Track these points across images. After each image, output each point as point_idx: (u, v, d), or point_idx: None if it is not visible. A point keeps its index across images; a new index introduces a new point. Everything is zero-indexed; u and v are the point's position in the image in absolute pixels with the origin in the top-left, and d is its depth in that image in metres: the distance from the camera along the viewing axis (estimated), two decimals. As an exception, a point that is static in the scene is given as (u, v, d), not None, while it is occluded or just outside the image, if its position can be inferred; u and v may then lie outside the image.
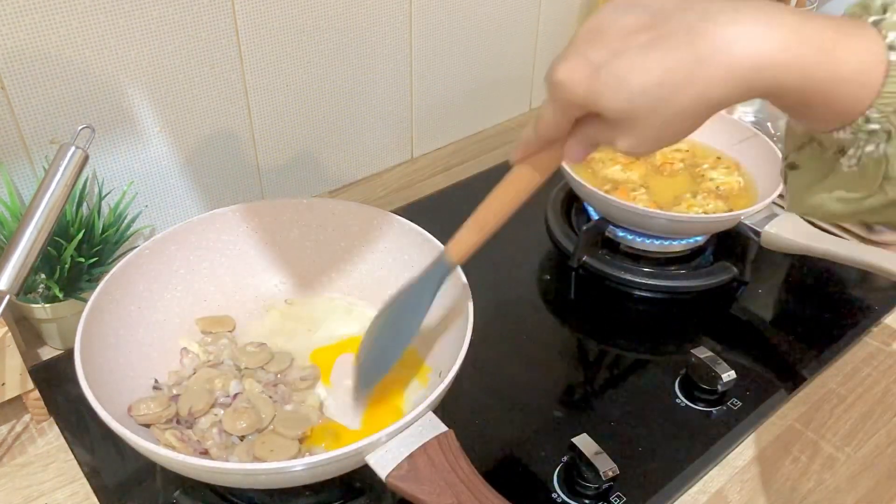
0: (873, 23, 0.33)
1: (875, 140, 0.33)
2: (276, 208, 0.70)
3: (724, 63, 0.32)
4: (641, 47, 0.34)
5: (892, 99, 0.32)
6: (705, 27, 0.32)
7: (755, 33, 0.32)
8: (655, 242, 0.79)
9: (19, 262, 0.56)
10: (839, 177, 0.34)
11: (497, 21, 0.98)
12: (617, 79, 0.34)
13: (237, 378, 0.61)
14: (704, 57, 0.32)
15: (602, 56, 0.35)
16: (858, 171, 0.34)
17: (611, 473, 0.55)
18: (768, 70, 0.32)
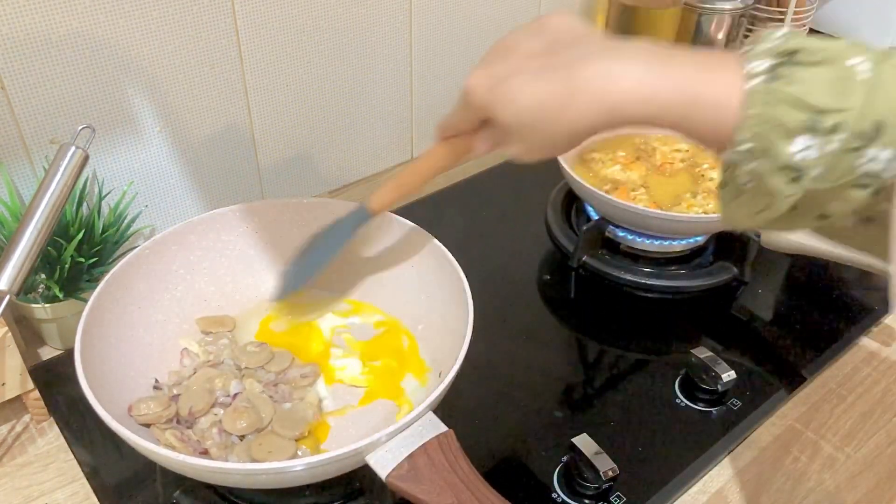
0: (742, 54, 0.36)
1: (750, 159, 0.36)
2: (276, 208, 0.70)
3: (590, 96, 0.38)
4: (532, 72, 0.40)
5: (752, 122, 0.35)
6: (582, 64, 0.38)
7: (617, 71, 0.37)
8: (655, 242, 0.79)
9: (19, 262, 0.56)
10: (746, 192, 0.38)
11: (497, 21, 0.98)
12: (508, 96, 0.41)
13: (237, 378, 0.61)
14: (576, 89, 0.38)
15: (502, 73, 0.41)
16: (753, 186, 0.37)
17: (611, 473, 0.55)
18: (629, 105, 0.37)
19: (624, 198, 0.79)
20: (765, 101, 0.34)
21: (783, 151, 0.34)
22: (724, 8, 1.06)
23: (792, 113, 0.34)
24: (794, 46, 0.35)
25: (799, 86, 0.34)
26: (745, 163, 0.36)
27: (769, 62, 0.35)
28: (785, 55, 0.35)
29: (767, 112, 0.34)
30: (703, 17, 1.06)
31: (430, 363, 0.63)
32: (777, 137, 0.34)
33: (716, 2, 1.05)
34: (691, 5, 1.05)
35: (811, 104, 0.33)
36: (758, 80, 0.35)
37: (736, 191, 0.38)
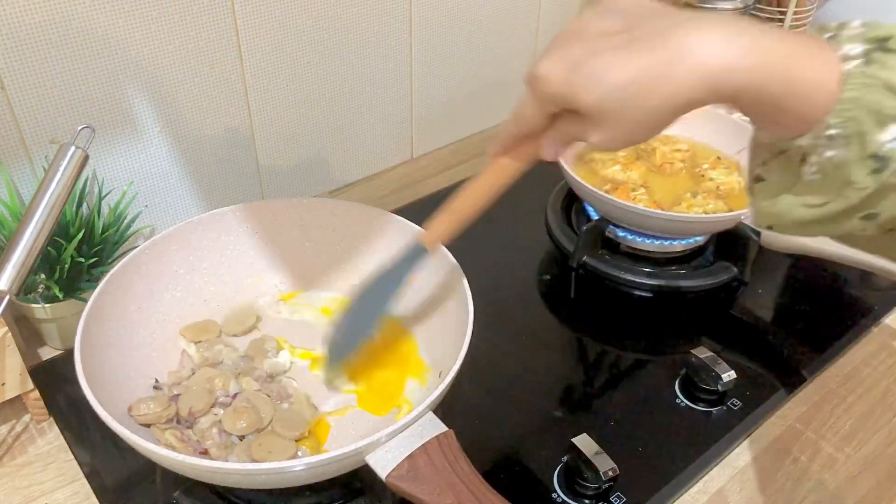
0: (828, 38, 0.35)
1: (834, 146, 0.34)
2: (276, 208, 0.70)
3: (691, 65, 0.35)
4: (617, 48, 0.36)
5: (847, 106, 0.34)
6: (675, 32, 0.35)
7: (720, 40, 0.35)
8: (655, 242, 0.79)
9: (19, 262, 0.56)
10: (803, 185, 0.36)
11: (497, 21, 0.98)
12: (593, 75, 0.37)
13: (237, 378, 0.61)
14: (674, 59, 0.35)
15: (580, 54, 0.37)
16: (820, 178, 0.36)
17: (611, 473, 0.55)
18: (732, 74, 0.35)
19: (624, 198, 0.78)
20: (862, 85, 0.33)
21: (875, 139, 0.33)
22: (724, 8, 1.06)
23: (890, 100, 0.33)
24: (885, 34, 0.34)
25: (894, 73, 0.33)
26: (824, 149, 0.35)
27: (863, 46, 0.34)
28: (876, 41, 0.34)
29: (865, 96, 0.33)
30: (703, 17, 1.06)
31: (430, 363, 0.63)
32: (871, 123, 0.33)
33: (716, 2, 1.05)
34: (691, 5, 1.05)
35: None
36: (854, 62, 0.34)
37: (788, 183, 0.36)
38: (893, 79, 0.33)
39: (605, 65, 0.36)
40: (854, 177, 0.34)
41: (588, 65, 0.37)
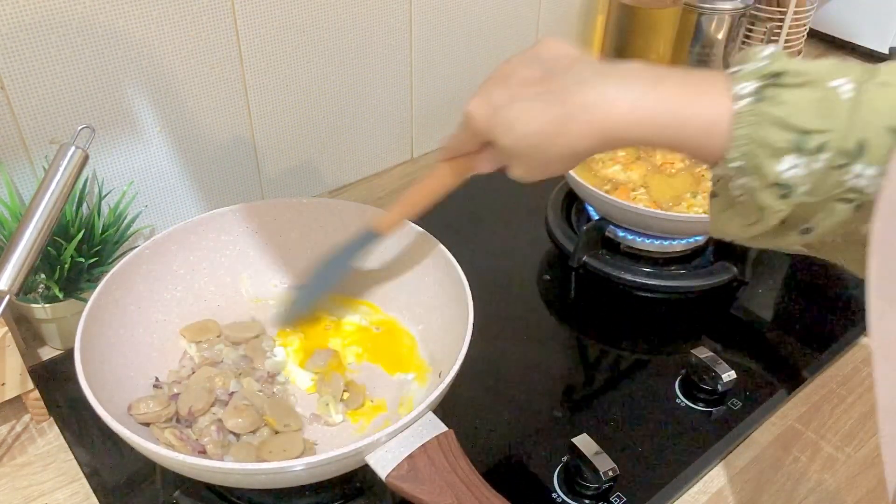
0: (731, 74, 0.38)
1: (741, 175, 0.37)
2: (276, 208, 0.70)
3: (586, 120, 0.40)
4: (529, 99, 0.42)
5: (741, 142, 0.36)
6: (577, 89, 0.40)
7: (611, 95, 0.39)
8: (655, 242, 0.79)
9: (19, 262, 0.56)
10: (737, 205, 0.39)
11: (497, 21, 0.98)
12: (507, 122, 0.43)
13: (237, 377, 0.61)
14: (572, 115, 0.40)
15: (501, 100, 0.43)
16: (745, 199, 0.38)
17: (611, 473, 0.55)
18: (622, 126, 0.39)
19: (624, 198, 0.78)
20: (752, 122, 0.36)
21: (771, 170, 0.36)
22: (724, 8, 1.06)
23: (778, 133, 0.35)
24: (779, 69, 0.36)
25: (784, 107, 0.35)
26: (736, 178, 0.37)
27: (755, 84, 0.36)
28: (770, 77, 0.36)
29: (755, 133, 0.36)
30: (702, 17, 1.06)
31: (430, 363, 0.63)
32: (765, 157, 0.36)
33: (716, 2, 1.05)
34: (691, 5, 1.05)
35: (796, 125, 0.35)
36: (745, 101, 0.36)
37: (727, 202, 0.40)
38: (782, 114, 0.35)
39: (518, 113, 0.42)
40: (765, 202, 0.37)
41: (504, 111, 0.43)
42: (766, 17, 1.13)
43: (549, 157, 0.42)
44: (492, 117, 0.44)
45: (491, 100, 0.44)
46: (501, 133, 0.43)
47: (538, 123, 0.41)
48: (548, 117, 0.41)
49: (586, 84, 0.40)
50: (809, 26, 1.18)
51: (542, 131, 0.41)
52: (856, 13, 1.23)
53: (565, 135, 0.40)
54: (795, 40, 1.18)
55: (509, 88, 0.43)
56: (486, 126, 0.44)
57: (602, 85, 0.40)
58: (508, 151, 0.44)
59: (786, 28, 1.14)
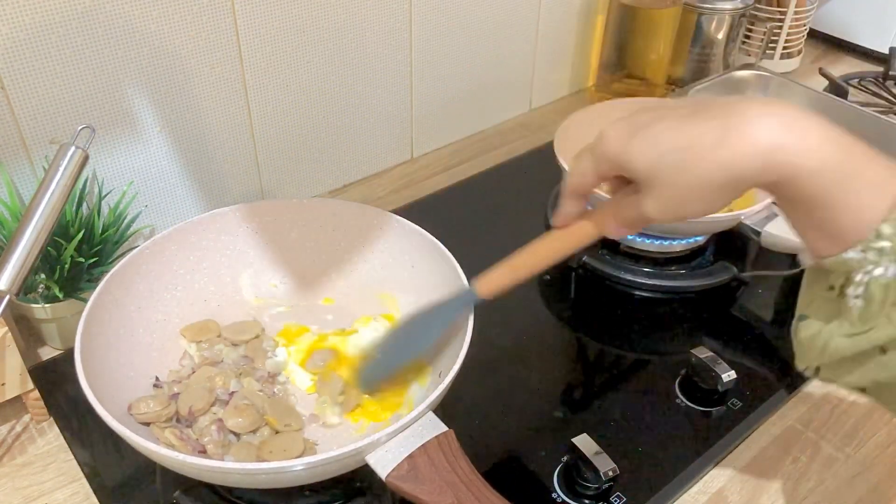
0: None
1: (884, 262, 0.32)
2: (276, 208, 0.70)
3: (751, 136, 0.34)
4: (680, 117, 0.36)
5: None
6: (739, 107, 0.35)
7: (782, 118, 0.34)
8: (655, 242, 0.79)
9: (19, 262, 0.56)
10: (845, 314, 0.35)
11: (497, 21, 0.98)
12: (650, 138, 0.37)
13: (237, 377, 0.61)
14: (733, 127, 0.34)
15: (645, 121, 0.38)
16: (864, 302, 0.34)
17: (611, 473, 0.55)
18: (788, 153, 0.33)
19: (624, 198, 0.78)
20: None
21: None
22: (724, 8, 1.06)
23: None
24: None
25: None
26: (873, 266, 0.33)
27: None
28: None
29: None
30: (702, 17, 1.06)
31: (430, 363, 0.63)
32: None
33: (716, 2, 1.05)
34: (691, 5, 1.05)
35: None
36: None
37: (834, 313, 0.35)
38: None
39: (664, 130, 0.36)
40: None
41: (648, 129, 0.37)
42: (766, 17, 1.13)
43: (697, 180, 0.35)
44: (632, 137, 0.37)
45: (634, 123, 0.38)
46: (641, 152, 0.37)
47: (689, 137, 0.35)
48: (702, 130, 0.35)
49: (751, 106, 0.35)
50: (809, 26, 1.18)
51: (693, 145, 0.35)
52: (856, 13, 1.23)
53: (720, 150, 0.34)
54: (795, 40, 1.18)
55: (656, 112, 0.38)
56: (624, 148, 0.38)
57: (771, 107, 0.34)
58: (646, 175, 0.37)
59: (786, 28, 1.14)
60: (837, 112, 0.98)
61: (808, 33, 1.19)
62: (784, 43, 1.16)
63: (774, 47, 1.17)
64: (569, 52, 1.11)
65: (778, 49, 1.17)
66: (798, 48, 1.19)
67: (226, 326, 0.66)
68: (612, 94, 1.09)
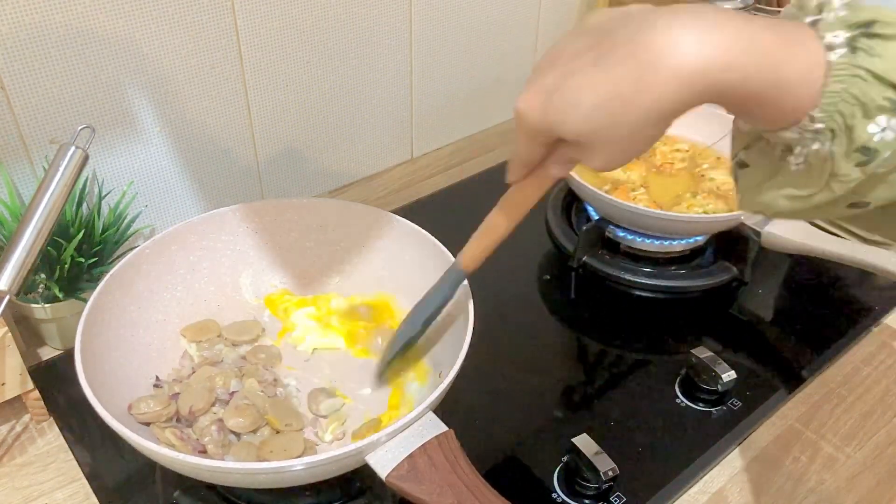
0: (810, 23, 0.33)
1: (820, 139, 0.33)
2: (276, 208, 0.70)
3: (668, 69, 0.32)
4: (587, 66, 0.34)
5: (834, 98, 0.32)
6: (645, 36, 0.33)
7: (695, 37, 0.32)
8: (655, 242, 0.79)
9: (19, 262, 0.56)
10: (787, 175, 0.35)
11: (497, 21, 0.98)
12: (568, 102, 0.35)
13: (237, 377, 0.61)
14: (647, 65, 0.33)
15: (553, 81, 0.36)
16: (805, 169, 0.34)
17: (611, 473, 0.55)
18: (712, 73, 0.32)
19: (624, 198, 0.79)
20: (848, 76, 0.31)
21: (863, 131, 0.32)
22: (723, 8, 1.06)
23: (877, 89, 0.31)
24: (869, 17, 0.32)
25: (882, 61, 0.31)
26: (810, 142, 0.33)
27: (846, 33, 0.32)
28: (861, 26, 0.32)
29: (852, 87, 0.31)
30: (703, 17, 1.06)
31: (430, 363, 0.63)
32: (859, 116, 0.32)
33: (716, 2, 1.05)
34: (691, 5, 1.05)
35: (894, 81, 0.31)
36: (839, 52, 0.32)
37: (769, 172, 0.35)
38: (879, 67, 0.31)
39: (577, 89, 0.35)
40: (840, 169, 0.33)
41: (560, 92, 0.35)
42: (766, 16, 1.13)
43: (629, 129, 0.35)
44: (547, 105, 0.36)
45: (541, 87, 0.36)
46: (564, 119, 0.36)
47: (607, 88, 0.34)
48: (616, 77, 0.33)
49: (656, 28, 0.33)
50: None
51: (615, 96, 0.33)
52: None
53: (644, 93, 0.33)
54: (795, 40, 1.18)
55: (560, 67, 0.36)
56: (543, 118, 0.37)
57: (680, 26, 0.32)
58: (579, 136, 0.36)
59: None
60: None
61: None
62: (784, 43, 1.16)
63: (774, 47, 1.17)
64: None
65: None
66: (798, 48, 1.19)
67: (226, 326, 0.66)
68: (612, 94, 1.09)
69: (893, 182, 0.33)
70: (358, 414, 0.61)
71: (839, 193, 0.34)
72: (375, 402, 0.62)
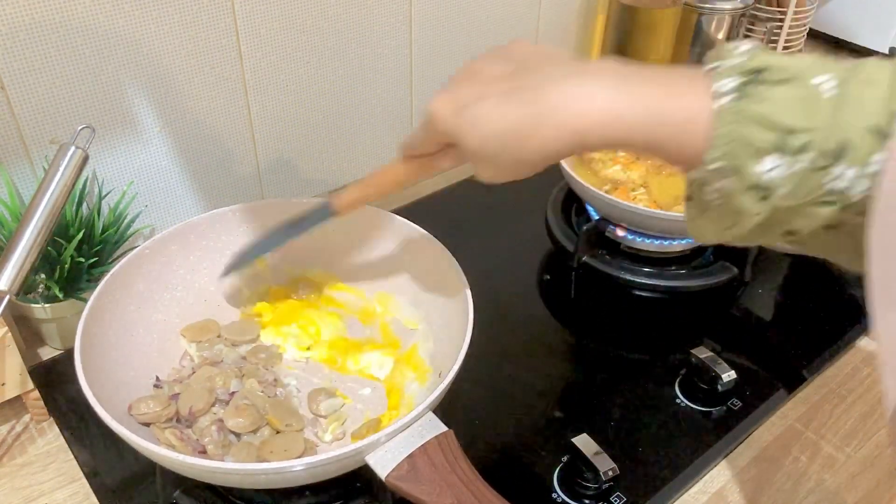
0: (708, 71, 0.36)
1: (720, 177, 0.35)
2: (276, 208, 0.70)
3: (557, 121, 0.37)
4: (498, 97, 0.39)
5: (722, 141, 0.35)
6: (548, 87, 0.38)
7: (583, 94, 0.37)
8: (655, 242, 0.79)
9: (19, 262, 0.56)
10: (713, 209, 0.38)
11: (497, 21, 0.98)
12: (474, 122, 0.40)
13: (238, 377, 0.61)
14: (542, 115, 0.38)
15: (468, 97, 0.41)
16: (721, 203, 0.37)
17: (611, 473, 0.55)
18: (596, 127, 0.37)
19: (624, 198, 0.78)
20: (733, 121, 0.34)
21: (752, 171, 0.34)
22: (724, 8, 1.06)
23: (760, 132, 0.34)
24: (760, 64, 0.35)
25: (766, 105, 0.34)
26: (713, 181, 0.36)
27: (736, 80, 0.35)
28: (751, 73, 0.35)
29: (736, 131, 0.34)
30: (703, 17, 1.06)
31: (430, 363, 0.63)
32: (746, 157, 0.34)
33: (716, 2, 1.05)
34: (691, 5, 1.05)
35: (779, 123, 0.33)
36: (726, 98, 0.35)
37: (703, 207, 0.38)
38: (764, 112, 0.34)
39: (486, 113, 0.40)
40: (743, 205, 0.36)
41: (471, 109, 0.40)
42: (766, 17, 1.13)
43: (519, 159, 0.40)
44: (456, 116, 0.41)
45: (456, 97, 0.41)
46: (466, 134, 0.41)
47: (507, 124, 0.39)
48: (515, 118, 0.39)
49: (556, 82, 0.38)
50: (809, 26, 1.18)
51: (509, 133, 0.39)
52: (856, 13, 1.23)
53: (534, 137, 0.38)
54: (795, 40, 1.18)
55: (477, 85, 0.41)
56: (450, 126, 0.42)
57: (575, 84, 0.38)
58: (474, 153, 0.41)
59: (786, 28, 1.14)
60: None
61: (808, 33, 1.19)
62: (784, 43, 1.16)
63: (774, 47, 1.17)
64: (569, 51, 1.11)
65: (778, 49, 1.17)
66: (798, 48, 1.19)
67: (226, 326, 0.66)
68: (612, 94, 1.09)
69: (812, 214, 0.35)
70: (358, 414, 0.61)
71: (749, 226, 0.37)
72: (375, 402, 0.62)
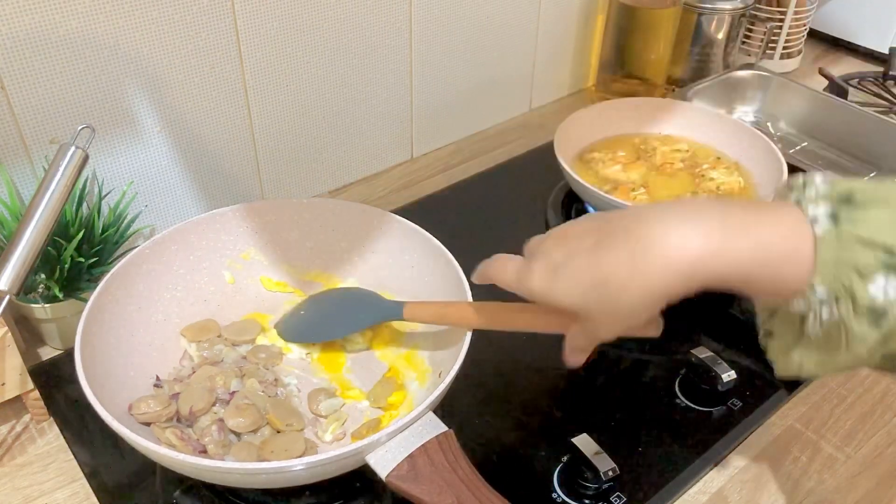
0: (795, 202, 0.36)
1: (827, 306, 0.35)
2: (276, 208, 0.70)
3: (659, 258, 0.36)
4: (588, 249, 0.39)
5: (828, 268, 0.34)
6: (638, 227, 0.37)
7: (682, 229, 0.36)
8: (655, 242, 0.79)
9: (19, 262, 0.56)
10: (809, 341, 0.37)
11: (497, 21, 0.98)
12: (570, 278, 0.40)
13: (238, 377, 0.61)
14: (640, 253, 0.37)
15: (560, 258, 0.41)
16: (824, 334, 0.36)
17: (611, 473, 0.55)
18: (701, 262, 0.36)
19: (624, 198, 0.78)
20: (837, 246, 0.34)
21: (863, 293, 0.34)
22: (723, 8, 1.06)
23: (865, 253, 0.34)
24: (847, 190, 0.35)
25: (865, 226, 0.34)
26: (819, 310, 0.35)
27: (828, 207, 0.35)
28: (841, 199, 0.35)
29: (842, 255, 0.34)
30: (702, 17, 1.06)
31: (430, 363, 0.63)
32: (856, 279, 0.34)
33: (716, 2, 1.05)
34: (691, 5, 1.05)
35: (882, 243, 0.33)
36: (823, 224, 0.35)
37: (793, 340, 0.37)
38: (863, 232, 0.34)
39: (579, 267, 0.39)
40: (854, 331, 0.35)
41: (564, 270, 0.40)
42: (766, 17, 1.13)
43: (625, 307, 0.39)
44: (553, 282, 0.41)
45: (550, 262, 0.42)
46: (564, 296, 0.40)
47: (604, 271, 0.38)
48: (612, 262, 0.38)
49: (648, 220, 0.37)
50: (809, 26, 1.18)
51: (610, 279, 0.38)
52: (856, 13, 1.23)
53: (637, 278, 0.37)
54: (795, 40, 1.18)
55: (565, 246, 0.41)
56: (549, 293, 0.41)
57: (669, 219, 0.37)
58: (578, 311, 0.41)
59: (786, 28, 1.14)
60: (837, 112, 0.98)
61: (808, 33, 1.19)
62: (784, 43, 1.16)
63: (774, 47, 1.17)
64: (569, 51, 1.11)
65: (778, 49, 1.17)
66: (798, 48, 1.19)
67: (226, 326, 0.66)
68: (612, 93, 1.09)
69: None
70: (358, 414, 0.61)
71: (861, 352, 0.35)
72: (375, 402, 0.62)
